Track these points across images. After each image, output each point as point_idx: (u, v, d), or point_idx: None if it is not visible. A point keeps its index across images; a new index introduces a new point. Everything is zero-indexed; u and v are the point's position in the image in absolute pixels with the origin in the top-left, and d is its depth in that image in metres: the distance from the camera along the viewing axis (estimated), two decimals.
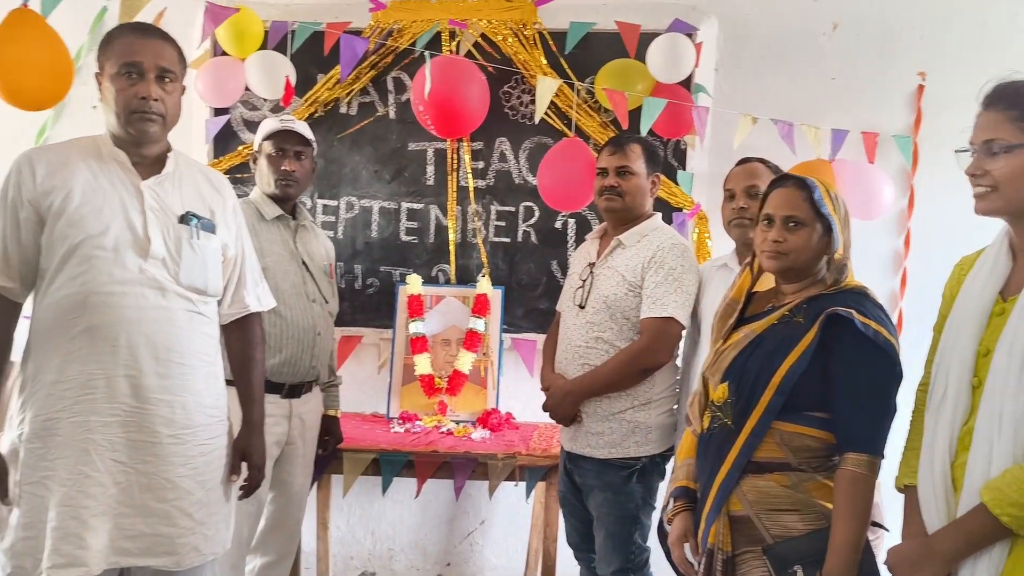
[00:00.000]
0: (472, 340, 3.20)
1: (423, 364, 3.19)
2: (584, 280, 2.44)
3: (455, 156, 3.36)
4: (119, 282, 1.76)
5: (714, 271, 2.39)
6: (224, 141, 3.42)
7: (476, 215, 3.37)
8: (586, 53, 3.20)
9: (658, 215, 2.49)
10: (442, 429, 3.02)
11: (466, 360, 3.17)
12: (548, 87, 3.07)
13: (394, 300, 3.30)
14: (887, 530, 2.03)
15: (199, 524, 1.86)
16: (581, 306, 2.41)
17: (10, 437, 1.77)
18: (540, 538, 2.97)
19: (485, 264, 3.37)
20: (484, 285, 3.26)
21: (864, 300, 1.65)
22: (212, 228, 1.93)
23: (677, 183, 3.23)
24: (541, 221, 3.36)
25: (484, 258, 3.38)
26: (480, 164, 3.37)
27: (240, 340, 2.07)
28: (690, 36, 3.10)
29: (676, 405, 2.41)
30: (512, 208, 3.37)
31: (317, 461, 2.67)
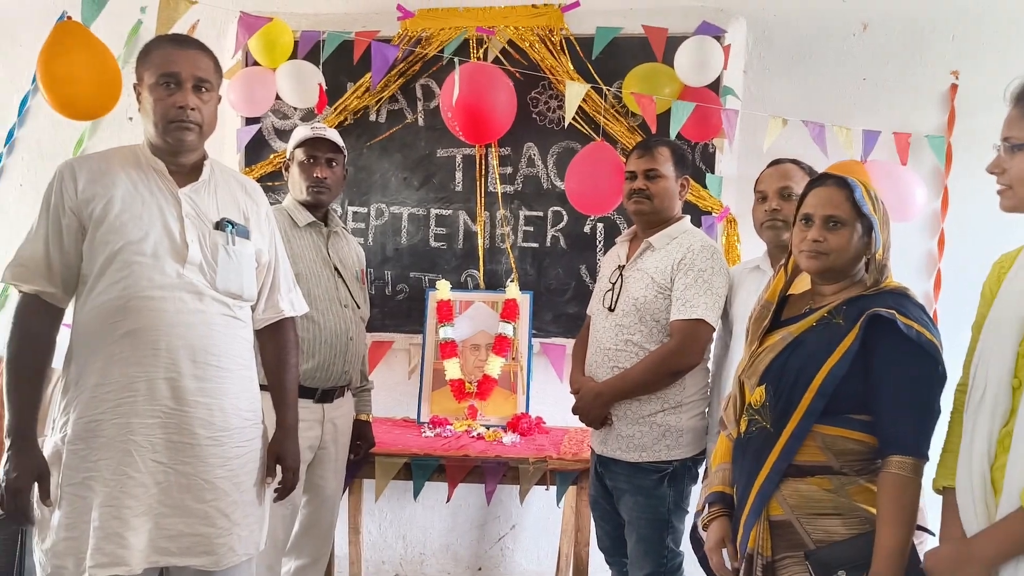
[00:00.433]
0: (501, 345, 3.21)
1: (453, 369, 3.20)
2: (613, 283, 2.44)
3: (483, 162, 3.37)
4: (158, 287, 1.79)
5: (746, 273, 2.38)
6: (255, 150, 3.46)
7: (504, 220, 3.39)
8: (613, 58, 3.20)
9: (687, 217, 2.48)
10: (472, 433, 3.02)
11: (496, 365, 3.18)
12: (576, 92, 3.07)
13: (424, 305, 3.32)
14: (932, 534, 1.99)
15: (235, 525, 1.88)
16: (611, 309, 2.40)
17: (52, 440, 1.80)
18: (571, 543, 2.96)
19: (514, 269, 3.38)
20: (513, 290, 3.27)
21: (905, 301, 1.63)
22: (247, 234, 1.96)
23: (706, 187, 3.22)
24: (569, 225, 3.36)
25: (513, 263, 3.39)
26: (508, 169, 3.38)
27: (274, 344, 2.09)
28: (718, 39, 3.10)
29: (708, 408, 2.40)
30: (540, 213, 3.38)
31: (349, 466, 2.69)
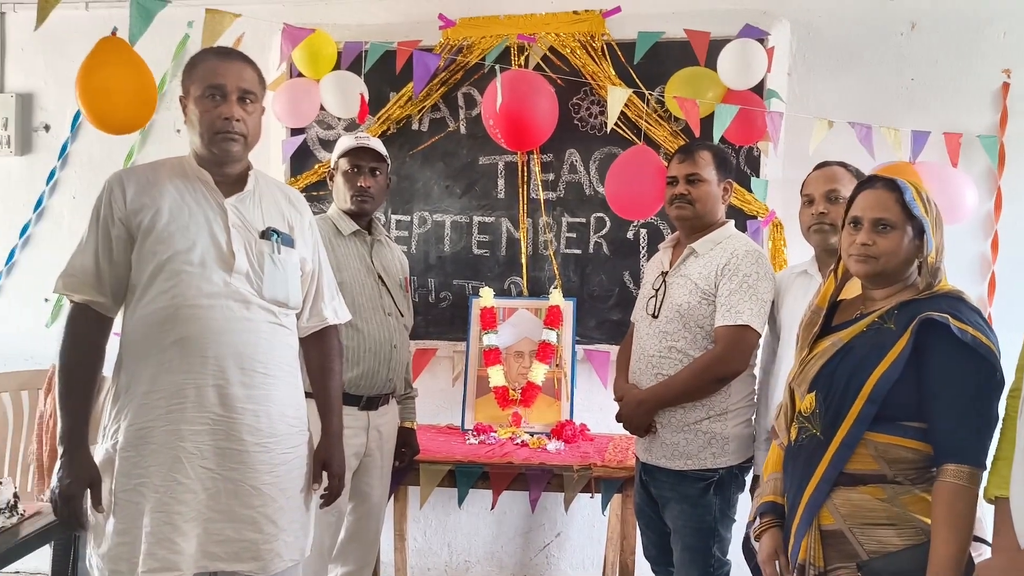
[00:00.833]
0: (545, 352, 3.19)
1: (497, 376, 3.20)
2: (657, 289, 2.41)
3: (525, 169, 3.37)
4: (206, 295, 1.82)
5: (793, 278, 2.34)
6: (300, 160, 3.50)
7: (547, 227, 3.38)
8: (655, 62, 3.18)
9: (731, 222, 2.44)
10: (516, 441, 3.01)
11: (539, 372, 3.17)
12: (619, 96, 3.05)
13: (467, 313, 3.33)
14: (990, 545, 1.93)
15: (281, 531, 1.90)
16: (654, 315, 2.38)
17: (104, 447, 1.84)
18: (617, 551, 2.93)
19: (557, 276, 3.37)
20: (556, 297, 3.25)
21: (960, 305, 1.58)
22: (291, 243, 1.99)
23: (751, 191, 3.17)
24: (612, 232, 3.35)
25: (556, 270, 3.37)
26: (550, 176, 3.38)
27: (318, 352, 2.11)
28: (761, 41, 3.06)
29: (754, 415, 2.36)
30: (583, 219, 3.37)
31: (394, 473, 2.70)
